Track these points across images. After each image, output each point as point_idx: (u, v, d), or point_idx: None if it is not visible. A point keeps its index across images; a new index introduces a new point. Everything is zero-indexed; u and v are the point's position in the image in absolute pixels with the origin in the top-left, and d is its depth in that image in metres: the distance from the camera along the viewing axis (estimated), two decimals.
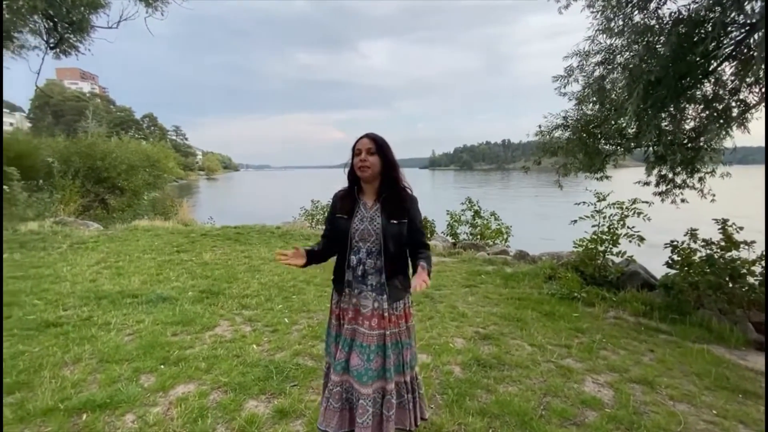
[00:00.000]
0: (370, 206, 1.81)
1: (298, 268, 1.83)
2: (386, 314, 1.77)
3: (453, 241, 8.59)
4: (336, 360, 1.77)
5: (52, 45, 10.89)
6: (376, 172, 1.78)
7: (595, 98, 4.62)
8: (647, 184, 5.06)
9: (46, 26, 10.61)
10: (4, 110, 57.85)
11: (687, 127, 4.13)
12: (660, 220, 5.25)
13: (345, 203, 1.83)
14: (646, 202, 4.99)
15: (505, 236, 9.01)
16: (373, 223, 1.77)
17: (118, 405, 2.24)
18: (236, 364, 2.75)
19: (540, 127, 4.79)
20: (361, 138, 1.79)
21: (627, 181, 5.51)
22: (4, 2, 8.61)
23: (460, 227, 9.12)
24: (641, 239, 4.93)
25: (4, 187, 9.97)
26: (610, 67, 4.13)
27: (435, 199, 25.48)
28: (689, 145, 4.06)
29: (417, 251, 1.82)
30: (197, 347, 3.00)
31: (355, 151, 1.77)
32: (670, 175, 4.76)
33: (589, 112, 4.79)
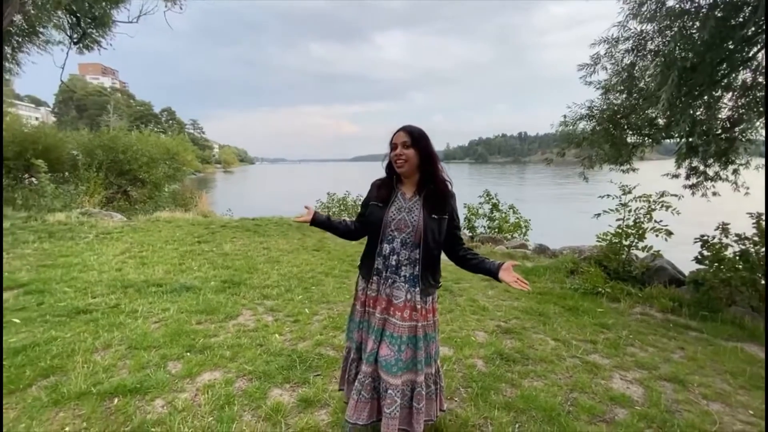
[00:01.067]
0: (409, 197, 1.79)
1: (316, 261, 1.90)
2: (419, 306, 1.75)
3: (471, 234, 8.50)
4: (368, 351, 1.76)
5: (75, 40, 11.14)
6: (413, 166, 1.75)
7: (623, 87, 4.46)
8: (676, 176, 4.88)
9: (70, 21, 10.86)
10: (30, 105, 59.73)
11: (722, 116, 3.95)
12: (688, 214, 5.07)
13: (381, 191, 1.82)
14: (675, 195, 4.82)
15: (524, 230, 8.87)
16: (411, 215, 1.75)
17: (147, 390, 2.29)
18: (260, 353, 2.78)
19: (564, 117, 4.65)
20: (398, 131, 1.76)
21: (650, 174, 5.33)
22: None
23: (478, 220, 9.01)
24: (669, 233, 4.76)
25: (32, 179, 10.31)
26: (640, 53, 3.96)
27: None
28: (724, 135, 3.88)
29: (456, 244, 1.84)
30: (221, 336, 3.04)
31: (392, 146, 1.75)
32: (702, 167, 4.58)
33: (616, 102, 4.63)
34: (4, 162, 10.79)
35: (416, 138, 1.74)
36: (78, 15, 10.80)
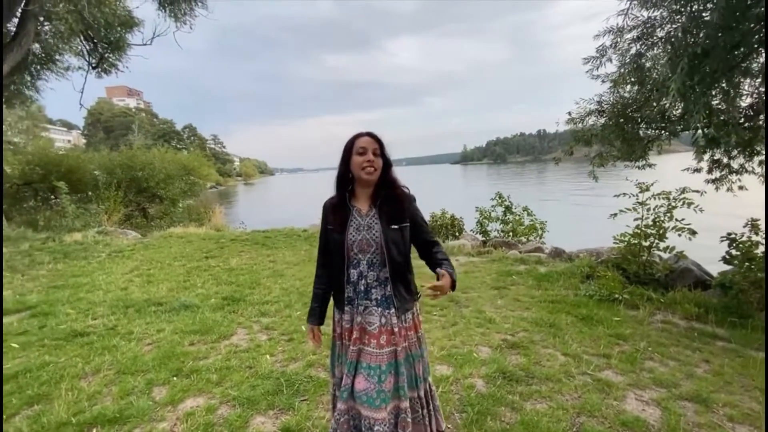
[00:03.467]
0: (365, 213, 1.65)
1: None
2: (396, 329, 1.61)
3: (483, 239, 8.24)
4: (342, 386, 1.62)
5: (93, 65, 11.63)
6: (378, 174, 1.63)
7: (633, 78, 4.18)
8: (698, 170, 4.53)
9: (87, 48, 11.35)
10: (62, 129, 63.00)
11: (743, 104, 3.62)
12: (713, 211, 4.70)
13: (337, 214, 1.66)
14: (697, 191, 4.47)
15: (539, 232, 8.53)
16: (372, 232, 1.61)
17: (127, 419, 2.22)
18: (248, 376, 2.68)
19: (570, 114, 4.40)
20: (362, 136, 1.61)
21: (676, 168, 4.98)
22: (47, 27, 9.22)
23: (491, 224, 8.73)
24: (692, 232, 4.41)
25: (56, 199, 10.72)
26: (648, 42, 3.69)
27: (464, 195, 24.88)
28: (746, 124, 3.56)
29: (430, 250, 1.67)
30: (211, 358, 2.97)
31: (359, 150, 1.59)
32: (725, 160, 4.23)
33: (626, 95, 4.34)
34: (32, 185, 11.31)
35: (382, 145, 1.62)
36: (95, 41, 11.28)
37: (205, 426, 2.15)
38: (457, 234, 8.25)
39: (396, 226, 1.61)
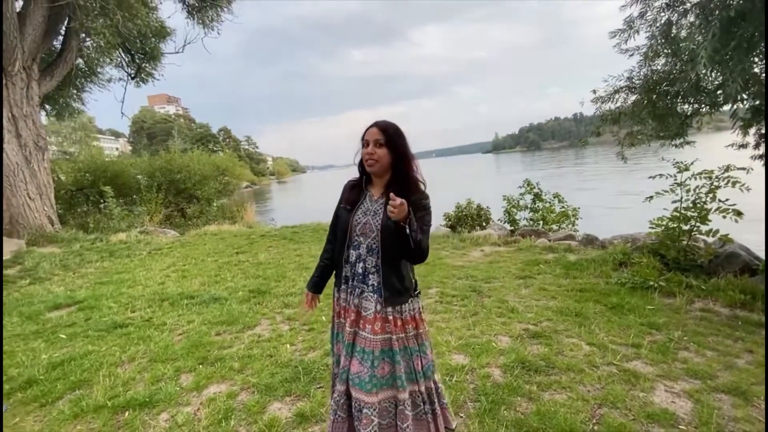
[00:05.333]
0: (376, 199, 1.67)
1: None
2: (390, 317, 1.61)
3: (511, 228, 8.01)
4: (341, 368, 1.65)
5: (132, 75, 12.36)
6: (385, 166, 1.62)
7: (665, 50, 3.89)
8: (743, 146, 4.16)
9: (126, 59, 12.06)
10: (111, 137, 67.46)
11: None
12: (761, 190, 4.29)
13: (352, 193, 1.72)
14: (743, 169, 4.09)
15: (572, 219, 8.18)
16: (375, 218, 1.62)
17: (156, 404, 2.37)
18: (268, 364, 2.77)
19: (594, 92, 4.16)
20: (370, 127, 1.63)
21: (716, 147, 4.60)
22: (88, 42, 9.85)
23: (519, 213, 8.47)
24: (738, 213, 4.06)
25: (104, 203, 11.50)
26: (680, 9, 3.41)
27: (494, 184, 24.24)
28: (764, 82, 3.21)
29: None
30: (235, 347, 3.10)
31: (363, 142, 1.62)
32: None
33: (658, 69, 4.05)
34: (83, 190, 12.22)
35: (390, 136, 1.61)
36: (132, 52, 11.97)
37: (225, 410, 2.26)
38: (483, 224, 8.07)
39: None
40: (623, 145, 4.28)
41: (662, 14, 3.53)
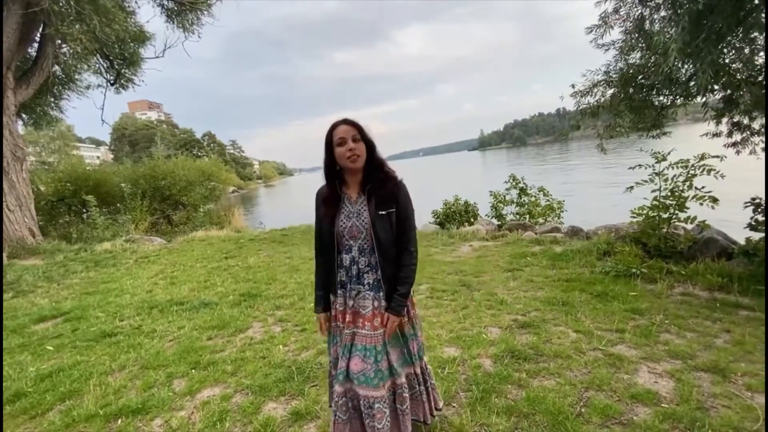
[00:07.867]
0: (354, 200, 1.67)
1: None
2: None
3: (499, 223, 8.12)
4: (338, 369, 1.67)
5: (111, 81, 12.11)
6: (364, 159, 1.64)
7: (641, 44, 4.00)
8: (717, 135, 4.31)
9: (105, 65, 11.81)
10: (91, 146, 65.95)
11: (759, 60, 3.41)
12: (738, 177, 4.46)
13: (328, 202, 1.69)
14: (717, 156, 4.24)
15: (557, 212, 8.34)
16: (361, 218, 1.64)
17: (149, 410, 2.36)
18: (261, 366, 2.78)
19: (573, 86, 4.26)
20: (338, 126, 1.62)
21: (692, 137, 4.75)
22: (65, 48, 9.63)
23: (506, 207, 8.59)
24: (714, 200, 4.21)
25: (87, 213, 11.27)
26: (651, 3, 3.52)
27: (481, 181, 24.48)
28: (764, 81, 3.35)
29: (405, 250, 1.65)
30: (227, 350, 3.09)
31: (337, 141, 1.60)
32: (746, 121, 4.00)
33: (633, 62, 4.16)
34: (64, 200, 11.94)
35: (361, 129, 1.62)
36: (110, 58, 11.73)
37: (220, 413, 2.26)
38: (471, 220, 8.17)
39: (383, 212, 1.62)
40: (602, 138, 4.39)
41: (635, 9, 3.64)
